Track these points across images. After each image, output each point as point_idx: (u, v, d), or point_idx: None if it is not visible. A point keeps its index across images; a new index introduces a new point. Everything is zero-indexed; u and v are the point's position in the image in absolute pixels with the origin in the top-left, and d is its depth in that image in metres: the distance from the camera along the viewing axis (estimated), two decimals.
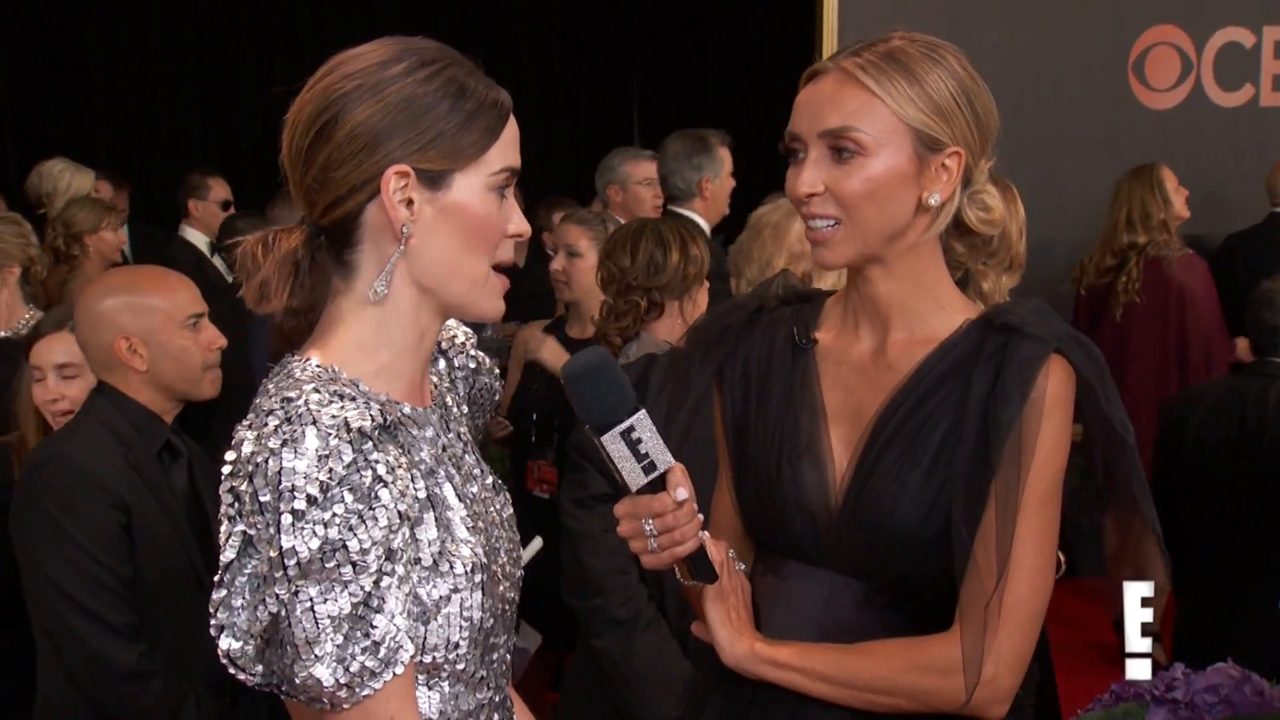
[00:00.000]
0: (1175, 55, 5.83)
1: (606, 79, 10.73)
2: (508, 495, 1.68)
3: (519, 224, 1.51)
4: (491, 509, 1.60)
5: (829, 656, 1.62)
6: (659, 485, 1.53)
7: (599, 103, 10.70)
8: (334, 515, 1.32)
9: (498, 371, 1.77)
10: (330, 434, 1.33)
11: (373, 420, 1.37)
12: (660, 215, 4.73)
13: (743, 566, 1.76)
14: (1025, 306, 1.63)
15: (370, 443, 1.35)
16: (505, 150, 1.47)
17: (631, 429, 1.49)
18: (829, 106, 1.60)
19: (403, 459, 1.41)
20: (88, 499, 2.53)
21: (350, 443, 1.34)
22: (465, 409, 1.70)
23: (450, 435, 1.58)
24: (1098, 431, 1.61)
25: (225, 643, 1.42)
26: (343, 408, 1.36)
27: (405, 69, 1.43)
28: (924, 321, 1.66)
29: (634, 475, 1.52)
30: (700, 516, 1.57)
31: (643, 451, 1.50)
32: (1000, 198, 1.68)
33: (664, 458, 1.51)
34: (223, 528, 1.40)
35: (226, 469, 1.39)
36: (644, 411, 1.50)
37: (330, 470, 1.32)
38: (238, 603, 1.40)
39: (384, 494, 1.35)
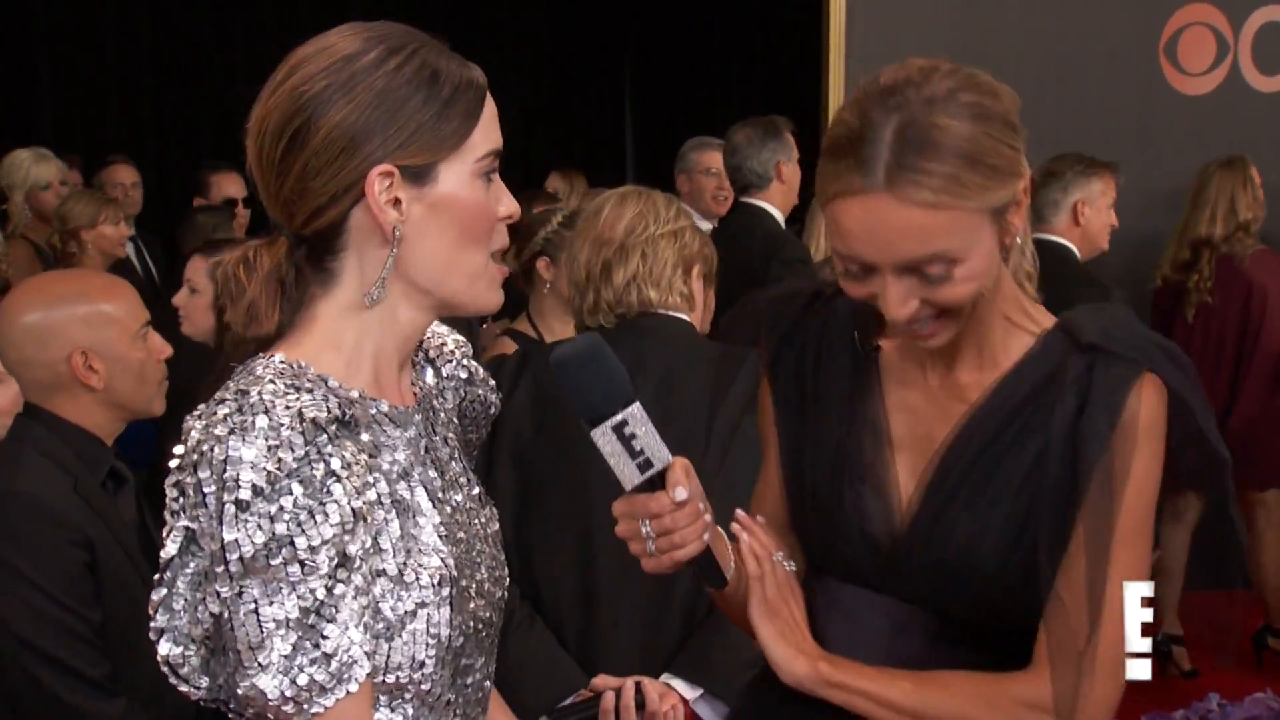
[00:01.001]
0: (1210, 37, 5.84)
1: (597, 69, 10.74)
2: (495, 510, 1.69)
3: (508, 205, 1.53)
4: (475, 521, 1.61)
5: (900, 685, 1.62)
6: (658, 483, 1.52)
7: (589, 94, 10.71)
8: (281, 509, 1.32)
9: (493, 384, 1.77)
10: (282, 424, 1.34)
11: (329, 413, 1.38)
12: (724, 209, 4.78)
13: (792, 566, 1.75)
14: (1107, 317, 1.61)
15: (325, 435, 1.36)
16: (487, 131, 1.49)
17: (624, 423, 1.49)
18: (902, 238, 1.51)
19: (361, 456, 1.41)
20: (46, 537, 2.40)
21: (303, 434, 1.34)
22: (455, 421, 1.70)
23: (436, 438, 1.59)
24: (1191, 449, 1.60)
25: (165, 648, 1.42)
26: (298, 398, 1.37)
27: (375, 60, 1.43)
28: (994, 345, 1.65)
29: (628, 472, 1.51)
30: (706, 518, 1.57)
31: (637, 447, 1.50)
32: None
33: (661, 454, 1.51)
34: (166, 523, 1.40)
35: (173, 463, 1.39)
36: (638, 404, 1.50)
37: (280, 460, 1.33)
38: (178, 605, 1.40)
39: (336, 489, 1.35)
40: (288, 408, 1.35)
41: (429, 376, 1.69)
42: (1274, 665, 5.13)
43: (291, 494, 1.33)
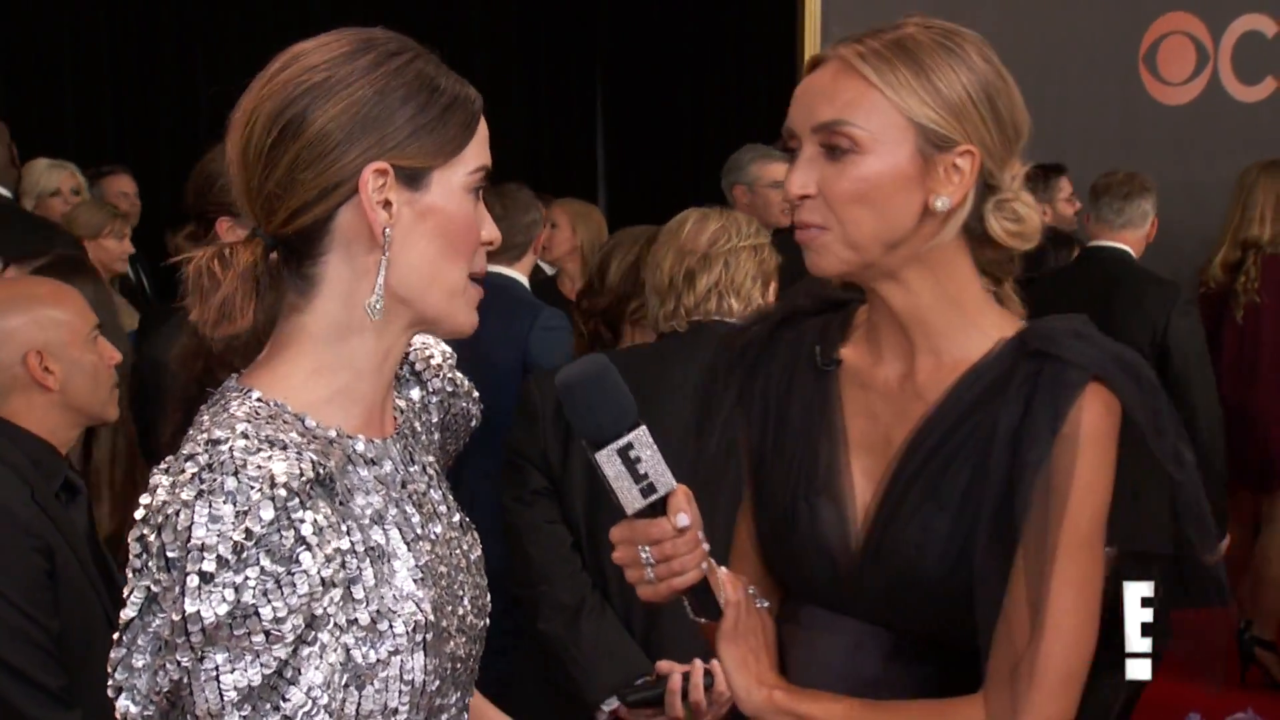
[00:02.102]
0: (1190, 45, 5.90)
1: (568, 72, 10.75)
2: (476, 535, 1.67)
3: (490, 230, 1.52)
4: (457, 551, 1.59)
5: (853, 713, 1.61)
6: (659, 509, 1.52)
7: (560, 97, 10.72)
8: (247, 579, 1.30)
9: (476, 395, 1.76)
10: (252, 488, 1.31)
11: (302, 474, 1.35)
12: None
13: (764, 604, 1.74)
14: (1067, 325, 1.60)
15: (297, 500, 1.33)
16: (481, 147, 1.50)
17: (630, 446, 1.49)
18: (822, 99, 1.58)
19: (333, 517, 1.39)
20: (8, 542, 2.39)
21: (273, 499, 1.32)
22: (436, 436, 1.69)
23: (414, 469, 1.57)
24: (1143, 472, 1.58)
25: (123, 705, 1.40)
26: (270, 457, 1.34)
27: (373, 61, 1.44)
28: (952, 341, 1.64)
29: (631, 497, 1.51)
30: (705, 547, 1.57)
31: (641, 471, 1.50)
32: (1035, 205, 1.65)
33: (665, 479, 1.51)
34: (128, 580, 1.38)
35: (139, 513, 1.37)
36: (644, 428, 1.50)
37: (247, 530, 1.30)
38: (139, 663, 1.38)
39: (305, 558, 1.33)
40: (259, 468, 1.32)
41: (414, 392, 1.68)
42: (1258, 680, 5.16)
43: (259, 564, 1.30)
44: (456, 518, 1.63)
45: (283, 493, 1.32)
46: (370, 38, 1.47)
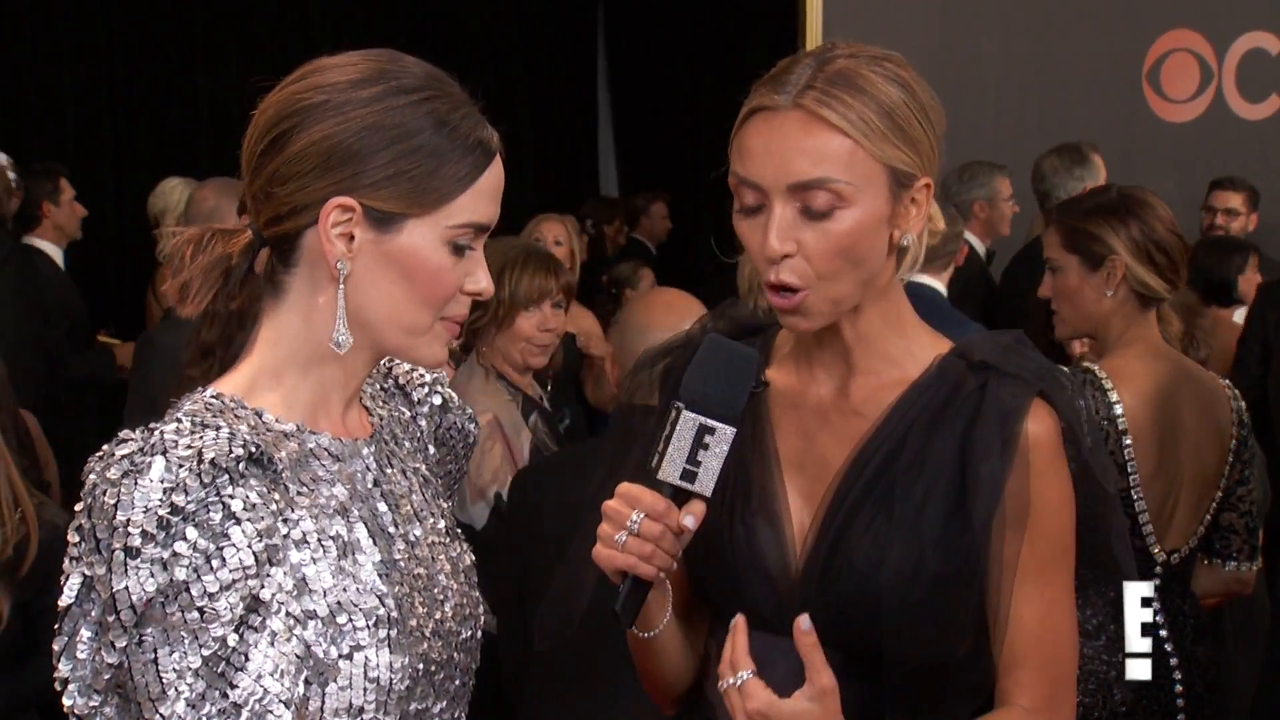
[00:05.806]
0: (1194, 63, 5.91)
1: (570, 77, 10.77)
2: (466, 545, 1.67)
3: (478, 282, 1.51)
4: (441, 556, 1.60)
5: None
6: (679, 500, 1.52)
7: (561, 103, 10.73)
8: (175, 554, 1.32)
9: (471, 413, 1.77)
10: (180, 465, 1.33)
11: (231, 452, 1.37)
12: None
13: None
14: (1000, 340, 1.63)
15: (226, 476, 1.36)
16: (477, 201, 1.48)
17: (711, 432, 1.50)
18: (797, 154, 1.55)
19: (273, 495, 1.40)
20: None
21: (200, 475, 1.34)
22: (432, 450, 1.70)
23: (391, 471, 1.58)
24: (1076, 481, 1.61)
25: (70, 699, 1.41)
26: (200, 438, 1.37)
27: (380, 93, 1.44)
28: (890, 361, 1.65)
29: (672, 467, 1.51)
30: (675, 566, 1.56)
31: (699, 459, 1.51)
32: (940, 208, 1.68)
33: (707, 483, 1.51)
34: (65, 567, 1.40)
35: (79, 506, 1.38)
36: (735, 433, 1.52)
37: (173, 505, 1.32)
38: (83, 653, 1.39)
39: (235, 532, 1.34)
40: (189, 448, 1.35)
41: (400, 405, 1.68)
42: None
43: (186, 539, 1.32)
44: (443, 524, 1.64)
45: (210, 469, 1.35)
46: (385, 69, 1.47)
